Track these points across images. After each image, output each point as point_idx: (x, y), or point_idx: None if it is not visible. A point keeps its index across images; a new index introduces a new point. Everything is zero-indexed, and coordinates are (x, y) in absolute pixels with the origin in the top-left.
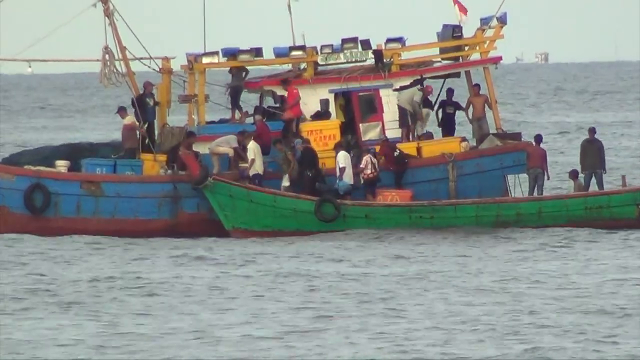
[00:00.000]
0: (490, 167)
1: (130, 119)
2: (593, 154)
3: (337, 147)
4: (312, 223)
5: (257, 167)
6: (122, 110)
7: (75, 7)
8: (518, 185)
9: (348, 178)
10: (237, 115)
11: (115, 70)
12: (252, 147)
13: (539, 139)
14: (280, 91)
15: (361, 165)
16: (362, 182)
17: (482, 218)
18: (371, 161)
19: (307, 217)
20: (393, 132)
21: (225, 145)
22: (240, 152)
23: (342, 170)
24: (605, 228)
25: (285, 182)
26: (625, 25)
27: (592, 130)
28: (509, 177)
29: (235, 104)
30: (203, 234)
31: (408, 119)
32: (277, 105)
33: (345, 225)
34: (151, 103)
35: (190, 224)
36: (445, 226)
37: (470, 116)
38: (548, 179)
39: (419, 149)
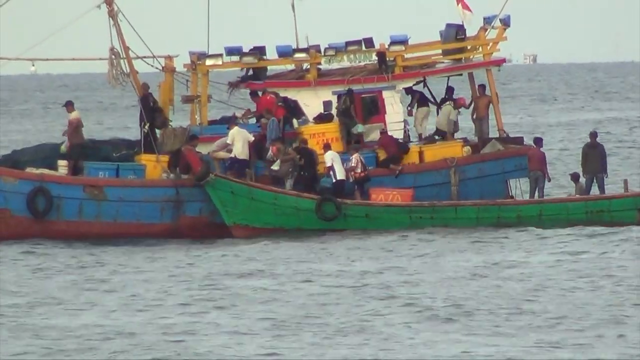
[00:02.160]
0: (492, 171)
1: (76, 114)
2: (594, 158)
3: (325, 148)
4: (312, 221)
5: (238, 152)
6: (69, 105)
7: (79, 9)
8: (519, 189)
9: (341, 175)
10: (238, 112)
11: (121, 71)
12: (232, 132)
13: (539, 141)
14: (290, 94)
15: (352, 164)
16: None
17: (482, 220)
18: (361, 160)
19: (308, 215)
20: (395, 133)
21: (222, 147)
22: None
23: (330, 168)
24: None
25: (288, 185)
26: (627, 25)
27: (593, 135)
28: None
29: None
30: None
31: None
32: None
33: (345, 224)
34: (151, 104)
35: (192, 228)
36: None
37: (474, 115)
38: (549, 181)
39: (421, 153)
